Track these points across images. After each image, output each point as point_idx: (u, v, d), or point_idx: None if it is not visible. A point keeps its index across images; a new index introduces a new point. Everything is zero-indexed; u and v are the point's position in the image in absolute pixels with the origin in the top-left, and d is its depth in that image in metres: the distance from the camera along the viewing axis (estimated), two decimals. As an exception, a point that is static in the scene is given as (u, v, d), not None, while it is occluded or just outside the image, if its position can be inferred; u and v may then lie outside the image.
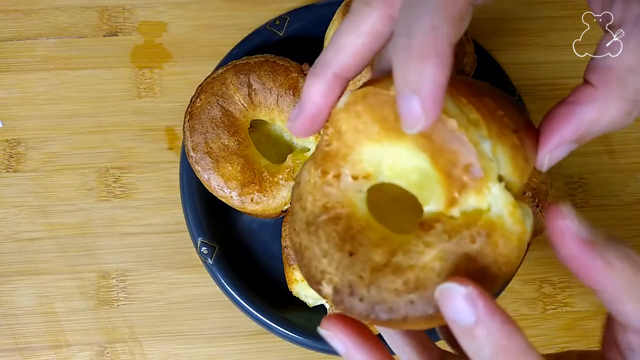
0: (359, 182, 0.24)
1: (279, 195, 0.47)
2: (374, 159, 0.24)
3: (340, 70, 0.24)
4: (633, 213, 0.55)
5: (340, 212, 0.24)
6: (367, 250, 0.23)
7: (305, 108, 0.24)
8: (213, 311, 0.51)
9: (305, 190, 0.25)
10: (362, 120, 0.23)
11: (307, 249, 0.24)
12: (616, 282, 0.21)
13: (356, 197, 0.24)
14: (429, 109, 0.20)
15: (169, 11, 0.57)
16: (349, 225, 0.24)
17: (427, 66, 0.19)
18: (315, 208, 0.24)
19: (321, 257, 0.23)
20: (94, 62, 0.56)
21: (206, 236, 0.49)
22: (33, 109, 0.54)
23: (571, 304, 0.53)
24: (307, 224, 0.24)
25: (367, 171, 0.24)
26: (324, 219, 0.24)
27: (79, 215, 0.52)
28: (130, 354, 0.50)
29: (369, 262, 0.22)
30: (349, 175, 0.24)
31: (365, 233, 0.23)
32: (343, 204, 0.24)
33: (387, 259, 0.22)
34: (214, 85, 0.48)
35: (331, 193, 0.24)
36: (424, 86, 0.19)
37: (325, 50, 0.24)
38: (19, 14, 0.57)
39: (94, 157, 0.54)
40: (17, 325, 0.50)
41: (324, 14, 0.51)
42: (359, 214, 0.24)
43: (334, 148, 0.24)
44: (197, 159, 0.46)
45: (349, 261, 0.23)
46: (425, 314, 0.21)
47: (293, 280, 0.47)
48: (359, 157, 0.24)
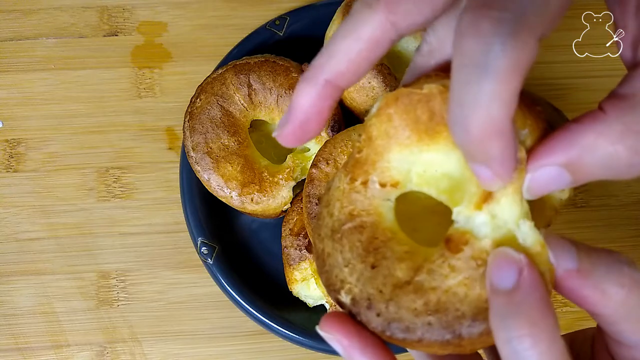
0: (386, 190, 0.24)
1: (279, 195, 0.47)
2: (403, 167, 0.23)
3: (333, 77, 0.22)
4: (633, 213, 0.55)
5: (366, 220, 0.23)
6: (390, 264, 0.22)
7: (293, 115, 0.23)
8: (213, 311, 0.51)
9: (334, 196, 0.24)
10: (393, 125, 0.23)
11: (330, 256, 0.23)
12: (612, 307, 0.21)
13: (383, 206, 0.24)
14: (501, 174, 0.19)
15: (169, 11, 0.57)
16: (373, 235, 0.23)
17: (492, 147, 0.18)
18: (342, 215, 0.24)
19: (343, 266, 0.23)
20: (94, 62, 0.56)
21: (206, 236, 0.49)
22: (33, 109, 0.54)
23: (571, 304, 0.53)
24: (332, 230, 0.24)
25: (395, 179, 0.23)
26: (349, 227, 0.23)
27: (79, 215, 0.52)
28: (130, 354, 0.50)
29: (390, 277, 0.22)
30: (376, 183, 0.23)
31: (390, 245, 0.23)
32: (369, 212, 0.23)
33: (410, 275, 0.22)
34: (214, 85, 0.48)
35: (358, 200, 0.24)
36: (493, 161, 0.19)
37: (319, 53, 0.23)
38: (19, 14, 0.57)
39: (94, 157, 0.54)
40: (17, 325, 0.50)
41: (324, 14, 0.51)
42: (385, 224, 0.23)
43: (364, 155, 0.23)
44: (197, 159, 0.46)
45: (370, 274, 0.22)
46: (441, 339, 0.21)
47: (293, 280, 0.47)
48: (388, 164, 0.23)
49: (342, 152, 0.44)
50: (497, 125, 0.18)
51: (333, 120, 0.48)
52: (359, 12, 0.22)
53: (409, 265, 0.22)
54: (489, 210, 0.21)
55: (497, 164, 0.19)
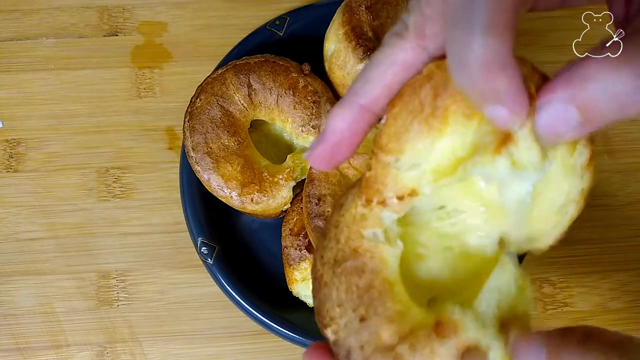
0: (405, 203, 0.23)
1: (279, 195, 0.47)
2: (414, 171, 0.23)
3: (368, 102, 0.23)
4: (633, 213, 0.55)
5: (368, 264, 0.23)
6: (379, 323, 0.22)
7: (327, 137, 0.23)
8: (213, 311, 0.51)
9: (345, 220, 0.24)
10: (401, 123, 0.22)
11: (326, 286, 0.23)
12: None
13: (388, 253, 0.23)
14: (515, 107, 0.19)
15: (169, 11, 0.57)
16: (371, 283, 0.23)
17: (498, 82, 0.19)
18: (347, 248, 0.24)
19: (335, 305, 0.23)
20: (94, 62, 0.56)
21: (206, 236, 0.49)
22: (33, 109, 0.54)
23: (571, 304, 0.53)
24: (335, 260, 0.24)
25: (409, 187, 0.23)
26: (351, 266, 0.23)
27: (79, 215, 0.52)
28: (130, 354, 0.50)
29: (375, 337, 0.22)
30: (394, 198, 0.23)
31: (384, 299, 0.23)
32: (373, 254, 0.23)
33: (394, 341, 0.22)
34: (214, 85, 0.48)
35: (367, 237, 0.23)
36: (505, 97, 0.19)
37: (354, 81, 0.23)
38: (19, 14, 0.57)
39: (94, 157, 0.54)
40: (17, 325, 0.50)
41: (324, 14, 0.51)
42: (385, 273, 0.23)
43: (373, 173, 0.23)
44: (197, 159, 0.46)
45: (358, 326, 0.22)
46: None
47: (293, 280, 0.47)
48: (397, 171, 0.23)
49: (342, 152, 0.44)
50: (497, 58, 0.18)
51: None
52: (390, 41, 0.23)
53: (395, 330, 0.22)
54: (509, 154, 0.21)
55: (509, 99, 0.19)
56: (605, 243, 0.54)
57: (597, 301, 0.53)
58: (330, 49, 0.49)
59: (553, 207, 0.23)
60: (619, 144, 0.56)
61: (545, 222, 0.24)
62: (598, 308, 0.53)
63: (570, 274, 0.54)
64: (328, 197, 0.43)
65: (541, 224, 0.24)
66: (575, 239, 0.54)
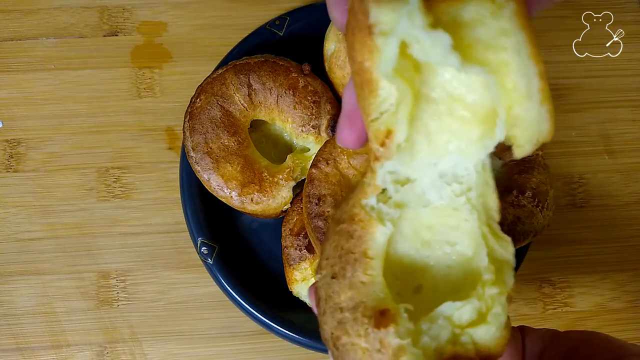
0: (388, 147, 0.24)
1: (279, 195, 0.47)
2: (384, 103, 0.24)
3: None
4: (633, 213, 0.55)
5: (357, 231, 0.25)
6: (342, 285, 0.24)
7: (343, 109, 0.24)
8: (213, 311, 0.51)
9: (358, 188, 0.25)
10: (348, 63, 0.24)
11: (327, 239, 0.25)
12: None
13: (379, 230, 0.25)
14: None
15: (169, 11, 0.57)
16: (352, 249, 0.25)
17: None
18: (349, 212, 0.25)
19: (324, 257, 0.25)
20: (94, 62, 0.56)
21: (206, 236, 0.48)
22: (33, 109, 0.54)
23: (571, 304, 0.53)
24: (338, 220, 0.25)
25: (384, 130, 0.24)
26: (345, 228, 0.25)
27: (79, 215, 0.52)
28: (130, 354, 0.50)
29: (335, 297, 0.24)
30: (378, 147, 0.24)
31: (356, 267, 0.24)
32: (365, 225, 0.25)
33: (347, 306, 0.24)
34: (214, 85, 0.48)
35: (364, 208, 0.25)
36: None
37: None
38: (19, 14, 0.57)
39: (94, 157, 0.54)
40: (17, 325, 0.50)
41: (324, 14, 0.50)
42: (369, 244, 0.25)
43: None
44: (197, 159, 0.46)
45: (329, 281, 0.25)
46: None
47: (293, 280, 0.47)
48: (374, 123, 0.24)
49: (342, 152, 0.44)
50: None
51: (333, 120, 0.48)
52: None
53: (351, 297, 0.24)
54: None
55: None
56: (605, 243, 0.54)
57: (597, 301, 0.53)
58: (330, 49, 0.49)
59: (514, 76, 0.23)
60: (619, 144, 0.56)
61: (516, 93, 0.23)
62: (598, 308, 0.53)
63: (570, 274, 0.54)
64: (328, 197, 0.43)
65: (514, 101, 0.23)
66: (575, 239, 0.54)
